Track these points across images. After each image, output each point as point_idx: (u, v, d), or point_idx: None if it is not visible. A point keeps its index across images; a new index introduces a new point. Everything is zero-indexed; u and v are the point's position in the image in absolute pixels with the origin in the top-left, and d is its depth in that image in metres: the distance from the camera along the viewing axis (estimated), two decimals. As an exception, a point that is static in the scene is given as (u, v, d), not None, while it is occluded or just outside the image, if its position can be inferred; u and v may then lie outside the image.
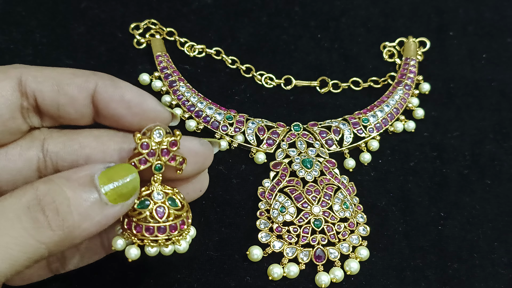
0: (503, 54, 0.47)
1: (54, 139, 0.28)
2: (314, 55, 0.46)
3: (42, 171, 0.28)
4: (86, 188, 0.24)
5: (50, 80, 0.27)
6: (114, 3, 0.47)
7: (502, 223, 0.38)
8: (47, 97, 0.27)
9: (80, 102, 0.27)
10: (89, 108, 0.28)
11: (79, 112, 0.28)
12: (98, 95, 0.27)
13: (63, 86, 0.27)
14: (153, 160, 0.27)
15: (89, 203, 0.24)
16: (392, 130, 0.42)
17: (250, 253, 0.35)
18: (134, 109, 0.27)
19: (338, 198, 0.37)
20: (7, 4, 0.45)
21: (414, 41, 0.47)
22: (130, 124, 0.28)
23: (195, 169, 0.29)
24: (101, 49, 0.44)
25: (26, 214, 0.23)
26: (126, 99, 0.27)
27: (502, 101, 0.44)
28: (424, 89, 0.44)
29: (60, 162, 0.28)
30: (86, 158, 0.28)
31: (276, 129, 0.41)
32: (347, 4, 0.49)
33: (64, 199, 0.24)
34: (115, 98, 0.27)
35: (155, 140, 0.27)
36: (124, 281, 0.34)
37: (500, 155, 0.41)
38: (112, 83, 0.27)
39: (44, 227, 0.23)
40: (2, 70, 0.27)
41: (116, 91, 0.27)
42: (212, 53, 0.45)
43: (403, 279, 0.36)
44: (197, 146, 0.29)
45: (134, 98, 0.27)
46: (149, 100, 0.28)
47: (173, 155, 0.28)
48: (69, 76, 0.27)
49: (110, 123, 0.28)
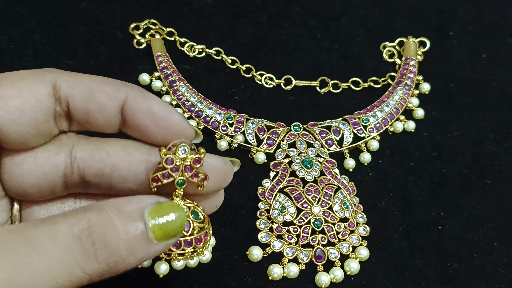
0: (503, 54, 0.47)
1: (82, 146, 0.28)
2: (314, 55, 0.46)
3: (68, 177, 0.28)
4: (135, 224, 0.24)
5: (82, 86, 0.27)
6: (114, 3, 0.47)
7: (502, 223, 0.38)
8: (78, 103, 0.27)
9: (109, 110, 0.28)
10: (117, 117, 0.28)
11: (107, 120, 0.28)
12: (127, 105, 0.28)
13: (94, 94, 0.27)
14: (176, 175, 0.27)
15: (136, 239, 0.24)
16: (392, 130, 0.42)
17: (250, 253, 0.35)
18: (160, 121, 0.28)
19: (338, 198, 0.37)
20: (7, 4, 0.45)
21: (414, 41, 0.47)
22: (155, 137, 0.28)
23: (215, 186, 0.30)
24: (101, 49, 0.44)
25: (76, 243, 0.23)
26: (154, 111, 0.28)
27: (502, 101, 0.44)
28: (424, 89, 0.44)
29: (87, 169, 0.28)
30: (112, 167, 0.28)
31: (276, 129, 0.41)
32: (347, 4, 0.49)
33: (115, 233, 0.24)
34: (143, 109, 0.28)
35: (180, 156, 0.27)
36: (124, 281, 0.34)
37: (500, 155, 0.41)
38: (142, 95, 0.28)
39: (91, 260, 0.23)
40: (37, 74, 0.27)
41: (145, 102, 0.28)
42: (212, 53, 0.45)
43: (403, 279, 0.36)
44: (220, 164, 0.30)
45: (161, 111, 0.28)
46: (175, 115, 0.28)
47: (196, 172, 0.28)
48: (100, 84, 0.28)
49: (135, 133, 0.29)
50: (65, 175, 0.28)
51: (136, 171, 0.28)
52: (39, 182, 0.28)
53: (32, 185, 0.28)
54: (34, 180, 0.28)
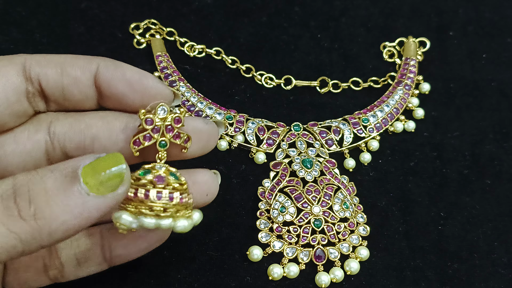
0: (503, 54, 0.47)
1: (60, 121, 0.29)
2: (314, 55, 0.46)
3: (50, 153, 0.29)
4: (67, 179, 0.23)
5: (53, 63, 0.28)
6: (114, 3, 0.47)
7: (502, 223, 0.38)
8: (51, 79, 0.28)
9: (84, 82, 0.28)
10: (92, 89, 0.28)
11: (83, 93, 0.28)
12: (100, 75, 0.28)
13: (66, 68, 0.28)
14: (157, 137, 0.27)
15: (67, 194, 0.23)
16: (392, 130, 0.42)
17: (250, 253, 0.35)
18: (136, 86, 0.28)
19: (338, 198, 0.37)
20: (7, 4, 0.45)
21: (414, 41, 0.47)
22: (133, 103, 0.28)
23: (199, 148, 0.29)
24: (101, 49, 0.44)
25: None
26: (128, 77, 0.28)
27: (502, 101, 0.44)
28: (424, 89, 0.44)
29: (68, 143, 0.28)
30: (92, 137, 0.28)
31: (276, 129, 0.41)
32: (347, 4, 0.49)
33: (41, 190, 0.23)
34: (116, 76, 0.28)
35: (160, 116, 0.27)
36: (124, 281, 0.34)
37: (500, 155, 0.41)
38: (113, 64, 0.28)
39: (15, 216, 0.23)
40: (7, 57, 0.28)
41: (117, 70, 0.28)
42: (212, 53, 0.45)
43: (403, 279, 0.36)
44: (202, 124, 0.29)
45: (135, 76, 0.28)
46: (149, 78, 0.28)
47: (177, 132, 0.27)
48: (71, 59, 0.28)
49: (114, 104, 0.29)
50: (47, 151, 0.28)
51: (116, 139, 0.28)
52: (24, 161, 0.28)
53: (17, 165, 0.28)
54: (18, 160, 0.28)
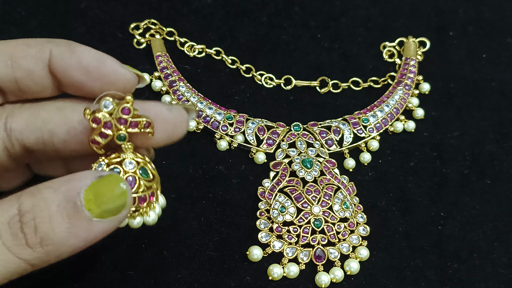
0: (503, 54, 0.47)
1: (16, 117, 0.27)
2: (314, 55, 0.46)
3: (10, 150, 0.27)
4: (69, 205, 0.23)
5: (2, 55, 0.26)
6: (114, 3, 0.47)
7: (502, 223, 0.38)
8: (2, 73, 0.26)
9: (38, 74, 0.26)
10: (48, 78, 0.26)
11: (39, 84, 0.26)
12: (54, 63, 0.26)
13: (17, 60, 0.26)
14: (112, 132, 0.25)
15: (73, 220, 0.23)
16: (392, 130, 0.42)
17: (250, 253, 0.35)
18: (93, 74, 0.26)
19: (338, 198, 0.37)
20: (7, 4, 0.45)
21: (414, 41, 0.47)
22: (93, 91, 0.26)
23: (164, 138, 0.27)
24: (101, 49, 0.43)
25: (6, 230, 0.22)
26: (84, 64, 0.26)
27: (502, 101, 0.44)
28: (424, 89, 0.44)
29: (26, 139, 0.27)
30: (50, 133, 0.26)
31: (276, 129, 0.41)
32: (347, 4, 0.49)
33: (46, 217, 0.23)
34: (72, 64, 0.26)
35: (107, 111, 0.25)
36: (124, 281, 0.34)
37: (500, 155, 0.41)
38: (68, 49, 0.26)
39: (23, 245, 0.23)
40: None
41: (73, 56, 0.26)
42: (212, 53, 0.45)
43: (403, 279, 0.36)
44: (165, 111, 0.27)
45: (92, 62, 0.26)
46: (108, 62, 0.26)
47: (132, 122, 0.26)
48: (22, 48, 0.26)
49: (74, 91, 0.27)
50: (7, 148, 0.27)
51: (76, 132, 0.26)
52: None
53: None
54: None
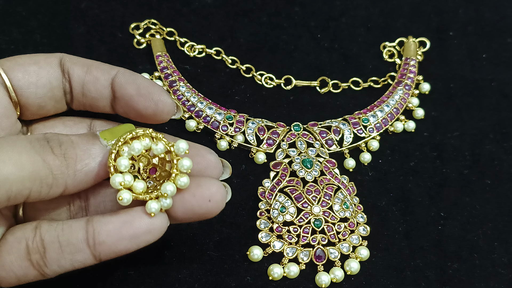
0: (503, 54, 0.47)
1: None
2: (314, 55, 0.46)
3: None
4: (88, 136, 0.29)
5: (81, 63, 0.33)
6: (114, 3, 0.47)
7: (502, 223, 0.38)
8: (75, 75, 0.33)
9: (102, 82, 0.33)
10: (108, 90, 0.33)
11: (99, 91, 0.33)
12: (117, 79, 0.33)
13: (90, 68, 0.33)
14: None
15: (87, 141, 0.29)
16: (392, 130, 0.42)
17: (251, 253, 0.35)
18: (142, 90, 0.32)
19: (338, 198, 0.37)
20: (7, 4, 0.45)
21: (414, 41, 0.47)
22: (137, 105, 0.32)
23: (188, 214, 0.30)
24: (101, 49, 0.44)
25: (33, 141, 0.28)
26: (137, 82, 0.33)
27: (502, 101, 0.44)
28: (424, 89, 0.44)
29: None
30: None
31: (276, 129, 0.41)
32: (347, 4, 0.49)
33: (68, 140, 0.29)
34: (128, 80, 0.33)
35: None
36: (124, 281, 0.34)
37: (500, 155, 0.41)
38: (130, 72, 0.33)
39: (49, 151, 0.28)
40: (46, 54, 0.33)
41: (131, 76, 0.33)
42: (212, 53, 0.45)
43: (403, 279, 0.36)
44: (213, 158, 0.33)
45: (144, 82, 0.33)
46: (156, 87, 0.33)
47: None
48: (97, 63, 0.34)
49: (122, 107, 0.33)
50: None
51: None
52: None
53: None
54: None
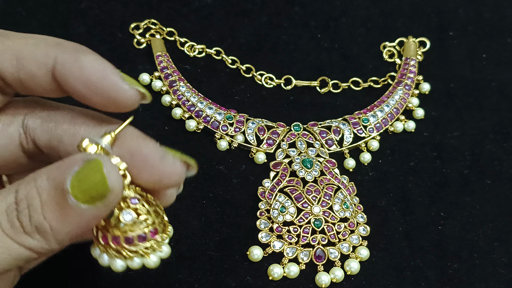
0: (503, 54, 0.47)
1: (34, 114, 0.26)
2: (314, 55, 0.46)
3: (24, 146, 0.27)
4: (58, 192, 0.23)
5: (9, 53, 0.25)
6: (114, 3, 0.47)
7: (502, 223, 0.38)
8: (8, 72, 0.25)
9: (41, 79, 0.25)
10: (52, 84, 0.25)
11: (43, 88, 0.25)
12: (57, 71, 0.24)
13: (21, 61, 0.25)
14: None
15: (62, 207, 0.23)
16: (392, 130, 0.42)
17: (251, 253, 0.35)
18: (93, 87, 0.24)
19: (338, 198, 0.37)
20: (7, 4, 0.45)
21: (414, 41, 0.47)
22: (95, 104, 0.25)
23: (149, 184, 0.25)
24: (101, 49, 0.44)
25: (4, 218, 0.23)
26: (85, 76, 0.24)
27: (502, 101, 0.44)
28: (424, 89, 0.44)
29: (37, 140, 0.26)
30: (59, 139, 0.26)
31: (276, 129, 0.41)
32: (347, 4, 0.49)
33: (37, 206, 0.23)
34: (73, 74, 0.24)
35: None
36: (124, 281, 0.34)
37: (500, 155, 0.41)
38: (72, 57, 0.24)
39: (20, 232, 0.23)
40: None
41: (75, 66, 0.24)
42: (212, 53, 0.45)
43: (403, 279, 0.36)
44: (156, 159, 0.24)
45: (94, 74, 0.24)
46: (110, 76, 0.24)
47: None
48: (29, 49, 0.25)
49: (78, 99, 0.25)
50: (22, 144, 0.27)
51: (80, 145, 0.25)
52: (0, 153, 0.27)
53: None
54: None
